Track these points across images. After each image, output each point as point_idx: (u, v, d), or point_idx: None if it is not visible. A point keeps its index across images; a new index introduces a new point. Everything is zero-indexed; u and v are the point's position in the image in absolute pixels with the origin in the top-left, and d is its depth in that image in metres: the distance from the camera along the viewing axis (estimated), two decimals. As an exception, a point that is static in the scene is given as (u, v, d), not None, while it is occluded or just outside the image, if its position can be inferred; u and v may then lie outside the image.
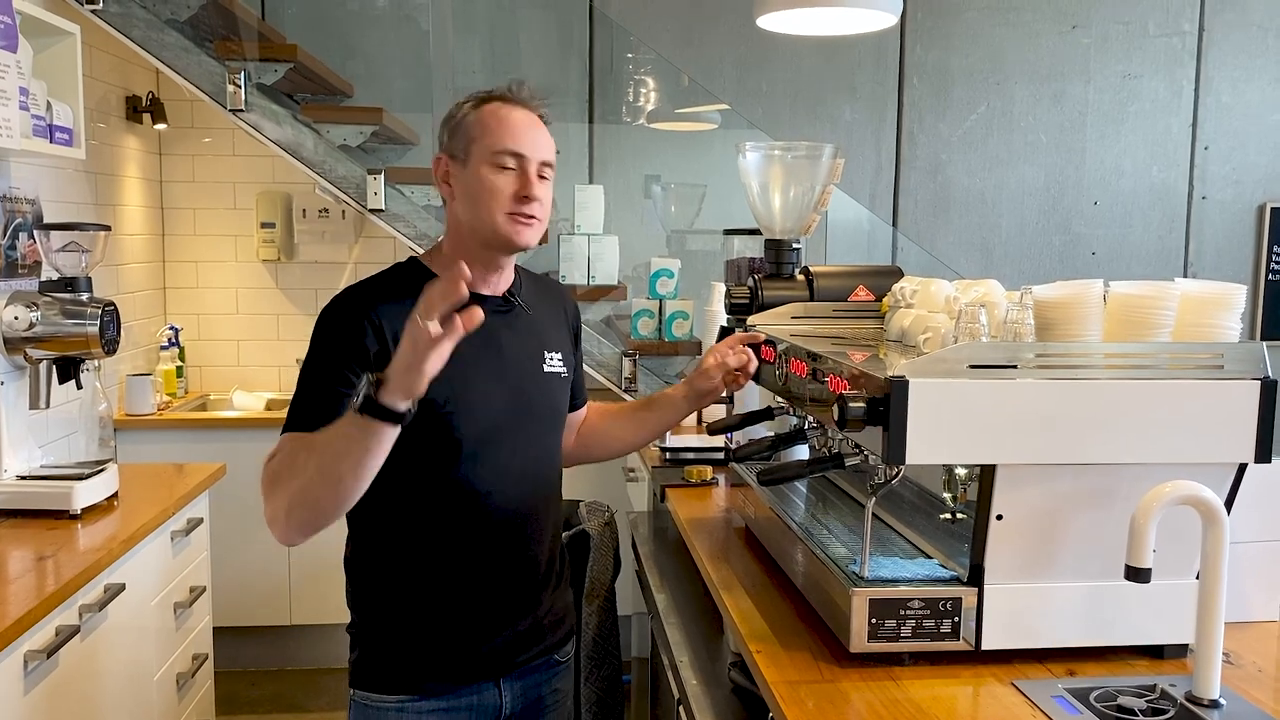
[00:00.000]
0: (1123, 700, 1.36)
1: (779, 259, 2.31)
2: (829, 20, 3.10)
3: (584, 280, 3.87)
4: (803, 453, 2.07)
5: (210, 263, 4.44)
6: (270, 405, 4.21)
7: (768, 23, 3.10)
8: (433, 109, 4.24)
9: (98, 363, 2.81)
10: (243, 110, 3.49)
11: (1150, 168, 4.70)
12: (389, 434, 1.39)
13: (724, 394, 1.98)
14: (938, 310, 1.79)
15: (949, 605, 1.47)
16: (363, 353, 1.54)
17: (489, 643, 1.67)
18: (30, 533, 2.40)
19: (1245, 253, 4.76)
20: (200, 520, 2.91)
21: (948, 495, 1.69)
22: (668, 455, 2.82)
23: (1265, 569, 1.65)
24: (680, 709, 1.87)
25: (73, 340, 2.62)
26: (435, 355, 1.32)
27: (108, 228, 2.85)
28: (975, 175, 4.65)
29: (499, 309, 1.68)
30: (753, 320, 2.13)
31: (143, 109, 4.09)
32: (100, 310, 2.63)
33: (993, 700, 1.40)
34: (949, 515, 1.70)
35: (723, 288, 2.90)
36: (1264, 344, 1.46)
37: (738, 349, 1.92)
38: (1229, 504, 1.46)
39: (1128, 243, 4.73)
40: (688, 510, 2.40)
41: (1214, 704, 1.34)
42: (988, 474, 1.44)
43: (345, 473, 1.42)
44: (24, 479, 2.59)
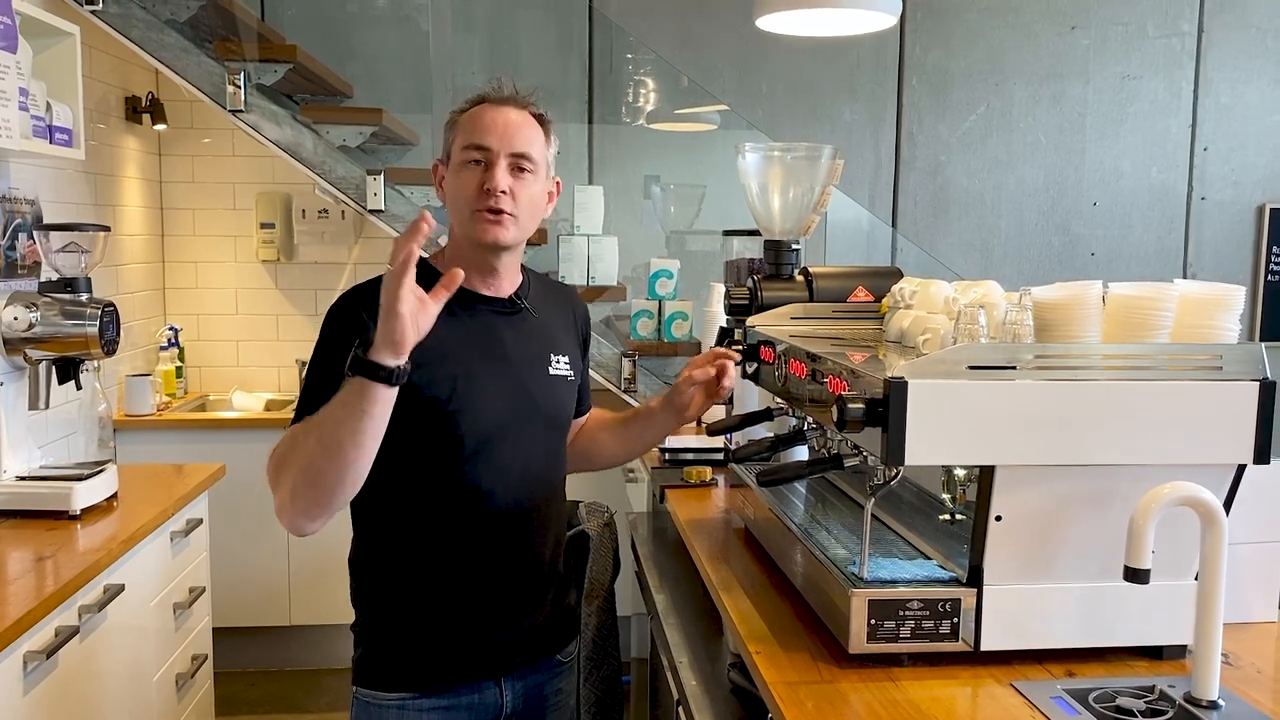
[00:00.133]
0: (1121, 701, 1.36)
1: (778, 260, 2.31)
2: (828, 21, 3.11)
3: (583, 281, 3.87)
4: (802, 454, 2.07)
5: (210, 263, 4.44)
6: (270, 406, 4.21)
7: (767, 23, 3.10)
8: (432, 110, 4.25)
9: (97, 363, 2.81)
10: (242, 111, 3.50)
11: (1149, 168, 4.70)
12: (382, 395, 1.40)
13: (704, 408, 1.89)
14: (937, 311, 1.79)
15: (948, 606, 1.47)
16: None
17: (489, 642, 1.67)
18: (30, 533, 2.40)
19: (1244, 253, 4.76)
20: (200, 521, 2.91)
21: (947, 496, 1.69)
22: (667, 456, 2.82)
23: (1264, 570, 1.65)
24: (679, 710, 1.87)
25: (72, 341, 2.62)
26: (404, 296, 1.36)
27: (107, 228, 2.85)
28: (974, 176, 4.65)
29: (503, 310, 1.68)
30: (752, 321, 2.13)
31: (142, 109, 4.09)
32: (100, 311, 2.63)
33: (992, 701, 1.40)
34: (948, 516, 1.70)
35: (722, 288, 2.90)
36: (1262, 345, 1.46)
37: (704, 367, 1.85)
38: (1228, 505, 1.46)
39: (1127, 243, 4.73)
40: (687, 511, 2.39)
41: (1213, 705, 1.34)
42: (987, 475, 1.44)
43: (344, 440, 1.41)
44: (23, 479, 2.59)
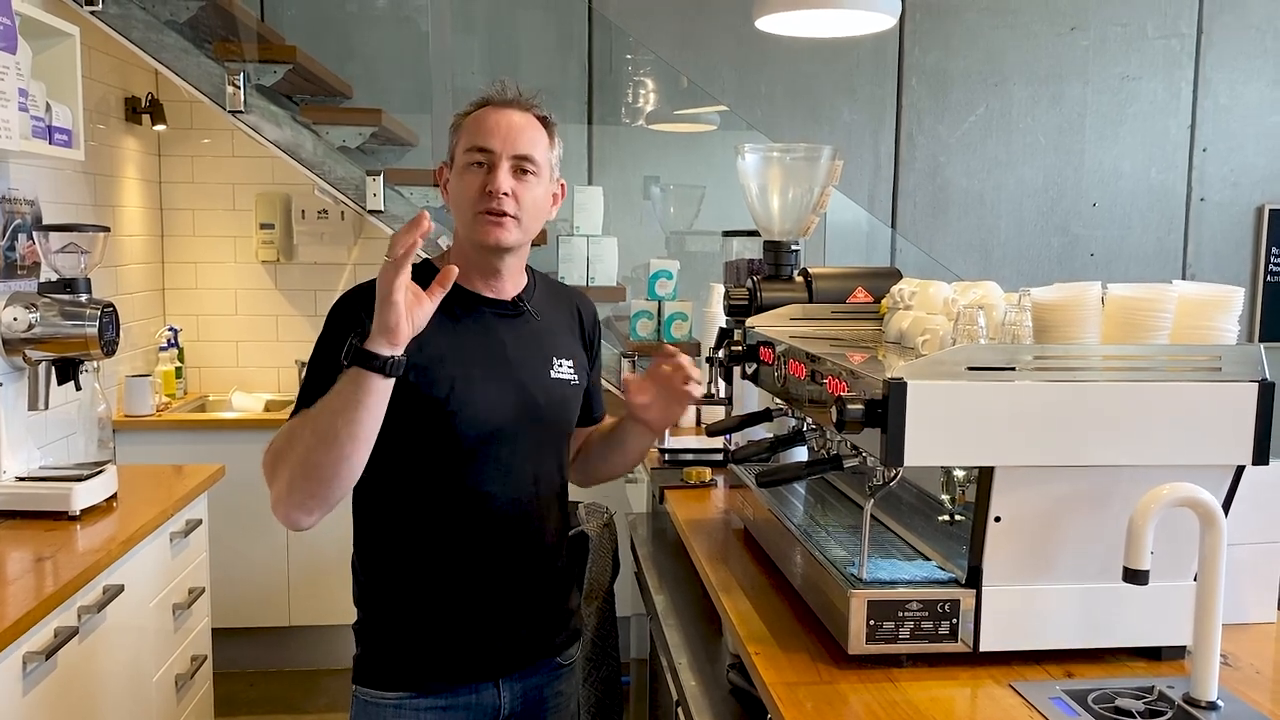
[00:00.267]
0: (1120, 702, 1.36)
1: (778, 260, 2.31)
2: (828, 22, 3.11)
3: (583, 281, 3.87)
4: (801, 454, 2.07)
5: (209, 264, 4.44)
6: (269, 406, 4.21)
7: (767, 24, 3.10)
8: (432, 110, 4.25)
9: (97, 364, 2.81)
10: (242, 111, 3.50)
11: (1149, 169, 4.70)
12: (377, 386, 1.41)
13: (673, 412, 1.78)
14: (936, 312, 1.79)
15: (947, 607, 1.47)
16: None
17: (487, 643, 1.67)
18: (29, 534, 2.40)
19: (1244, 254, 4.76)
20: (199, 521, 2.91)
21: (946, 497, 1.69)
22: (666, 457, 2.82)
23: (1263, 571, 1.65)
24: (679, 710, 1.87)
25: (72, 341, 2.62)
26: (399, 286, 1.37)
27: (107, 229, 2.85)
28: (974, 177, 4.65)
29: (504, 312, 1.68)
30: (751, 322, 2.13)
31: (142, 110, 4.09)
32: (99, 311, 2.63)
33: (991, 702, 1.40)
34: (947, 517, 1.70)
35: (721, 289, 2.90)
36: (1261, 346, 1.46)
37: (638, 396, 1.76)
38: (1226, 506, 1.46)
39: (1126, 244, 4.73)
40: (686, 512, 2.40)
41: (1211, 705, 1.34)
42: (986, 476, 1.44)
43: (340, 431, 1.42)
44: (23, 480, 2.59)
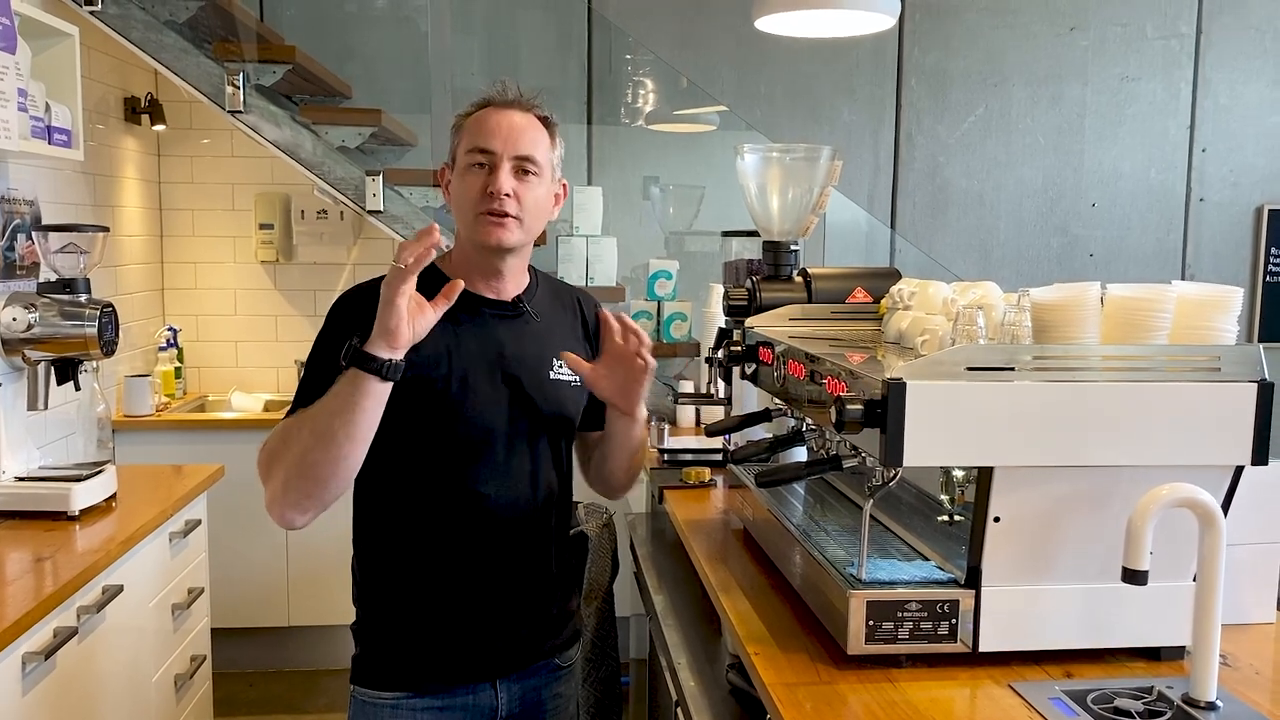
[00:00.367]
0: (1120, 702, 1.37)
1: (777, 261, 2.31)
2: (827, 22, 3.11)
3: (582, 282, 3.87)
4: (801, 455, 2.07)
5: (209, 264, 4.44)
6: (269, 406, 4.21)
7: (766, 24, 3.10)
8: (431, 110, 4.25)
9: (96, 364, 2.81)
10: (241, 111, 3.50)
11: (1148, 170, 4.70)
12: (374, 388, 1.43)
13: (633, 389, 1.65)
14: (935, 312, 1.80)
15: (946, 607, 1.47)
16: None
17: (484, 643, 1.67)
18: (28, 534, 2.40)
19: (1243, 254, 4.76)
20: (198, 521, 2.91)
21: (945, 497, 1.69)
22: (665, 457, 2.82)
23: (1262, 571, 1.65)
24: (678, 711, 1.87)
25: (71, 341, 2.62)
26: (403, 290, 1.40)
27: (106, 229, 2.85)
28: (973, 177, 4.65)
29: (504, 313, 1.68)
30: (750, 322, 2.13)
31: (141, 110, 4.09)
32: (98, 311, 2.63)
33: (990, 702, 1.40)
34: (946, 517, 1.70)
35: (721, 289, 2.90)
36: (1260, 346, 1.46)
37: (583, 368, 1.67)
38: (1226, 506, 1.46)
39: (1126, 244, 4.73)
40: (686, 512, 2.40)
41: (1211, 706, 1.34)
42: (985, 476, 1.44)
43: (337, 431, 1.44)
44: (22, 480, 2.59)
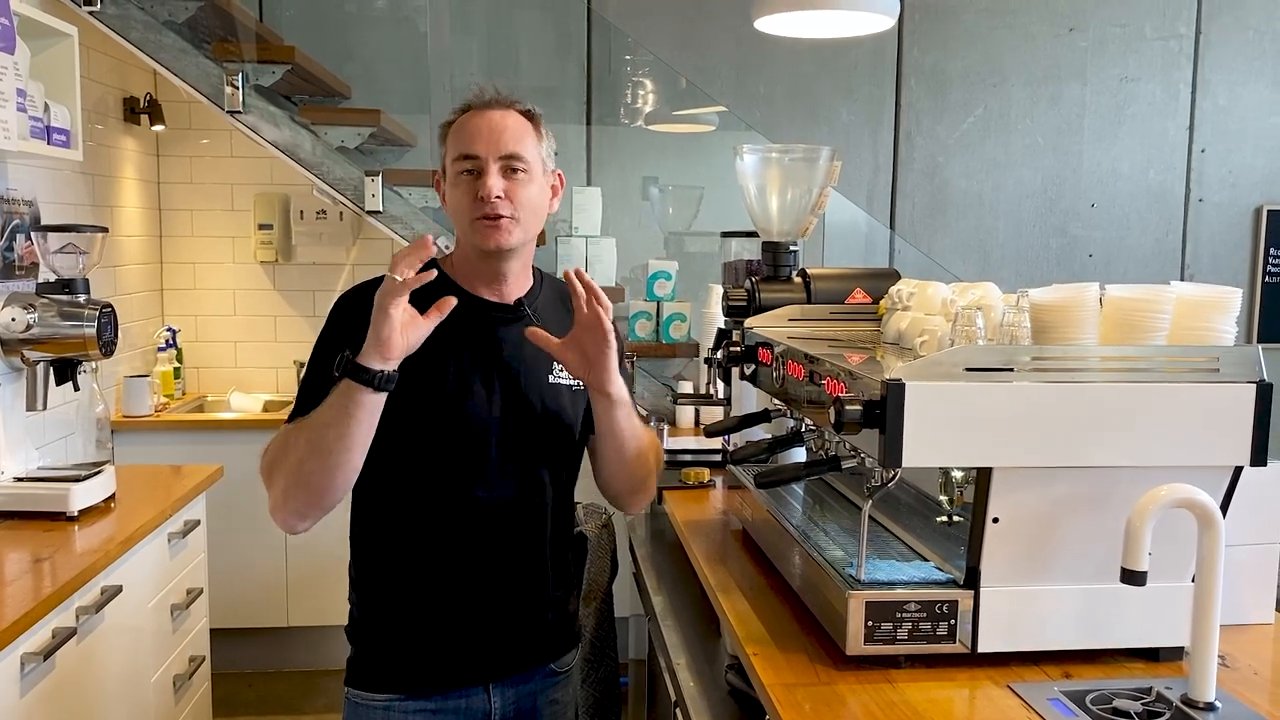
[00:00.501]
0: (1118, 703, 1.37)
1: (776, 261, 2.31)
2: (827, 22, 3.11)
3: (581, 282, 3.86)
4: (800, 455, 2.07)
5: (208, 264, 4.44)
6: (268, 407, 4.21)
7: (765, 25, 3.10)
8: (430, 111, 4.24)
9: (95, 364, 2.81)
10: (240, 112, 3.50)
11: (1147, 170, 4.70)
12: (368, 400, 1.44)
13: (596, 356, 1.57)
14: (934, 313, 1.80)
15: (945, 608, 1.47)
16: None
17: (476, 646, 1.66)
18: (27, 534, 2.40)
19: (1242, 255, 4.77)
20: (197, 522, 2.91)
21: (944, 498, 1.69)
22: (665, 457, 2.82)
23: (1261, 572, 1.65)
24: (677, 711, 1.87)
25: (70, 342, 2.62)
26: (397, 303, 1.41)
27: (105, 229, 2.85)
28: (972, 177, 4.65)
29: (505, 316, 1.68)
30: (750, 323, 2.13)
31: (140, 110, 4.09)
32: (98, 312, 2.63)
33: (989, 703, 1.40)
34: (945, 518, 1.70)
35: (720, 290, 2.90)
36: (1259, 347, 1.46)
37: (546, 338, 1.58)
38: (1224, 507, 1.46)
39: (1125, 245, 4.73)
40: (685, 512, 2.40)
41: (1209, 706, 1.35)
42: (984, 477, 1.44)
43: (332, 442, 1.46)
44: (21, 480, 2.59)
